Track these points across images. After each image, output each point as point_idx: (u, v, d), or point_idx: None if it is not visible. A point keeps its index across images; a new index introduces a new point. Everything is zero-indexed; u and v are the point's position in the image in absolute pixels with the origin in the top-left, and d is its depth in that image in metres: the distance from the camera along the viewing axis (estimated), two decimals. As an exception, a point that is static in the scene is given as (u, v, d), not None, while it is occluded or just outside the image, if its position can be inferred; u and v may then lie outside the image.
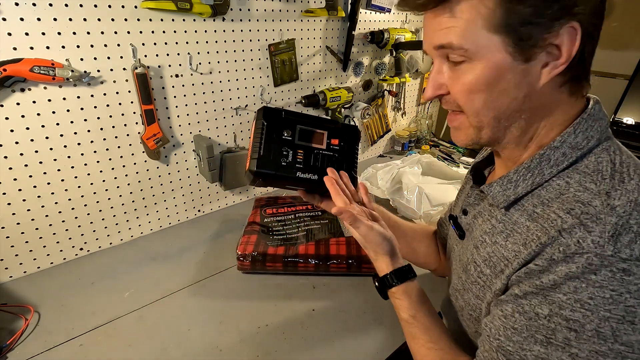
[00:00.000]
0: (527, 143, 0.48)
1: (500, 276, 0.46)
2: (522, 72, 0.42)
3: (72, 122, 0.80)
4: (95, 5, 0.75)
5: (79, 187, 0.86)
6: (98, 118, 0.83)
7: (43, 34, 0.71)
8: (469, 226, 0.57)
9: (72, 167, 0.84)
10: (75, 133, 0.81)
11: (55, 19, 0.72)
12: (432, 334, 0.53)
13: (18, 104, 0.73)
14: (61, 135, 0.80)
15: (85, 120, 0.82)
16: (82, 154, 0.84)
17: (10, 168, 0.76)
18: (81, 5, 0.74)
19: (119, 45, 0.80)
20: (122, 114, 0.86)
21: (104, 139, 0.86)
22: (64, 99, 0.78)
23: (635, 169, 0.40)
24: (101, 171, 0.88)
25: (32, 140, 0.77)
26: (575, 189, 0.41)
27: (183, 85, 0.94)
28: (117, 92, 0.84)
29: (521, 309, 0.41)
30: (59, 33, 0.73)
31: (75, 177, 0.85)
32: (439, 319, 0.56)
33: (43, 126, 0.77)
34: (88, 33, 0.76)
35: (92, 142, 0.84)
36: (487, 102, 0.44)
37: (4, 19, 0.67)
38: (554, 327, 0.38)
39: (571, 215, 0.38)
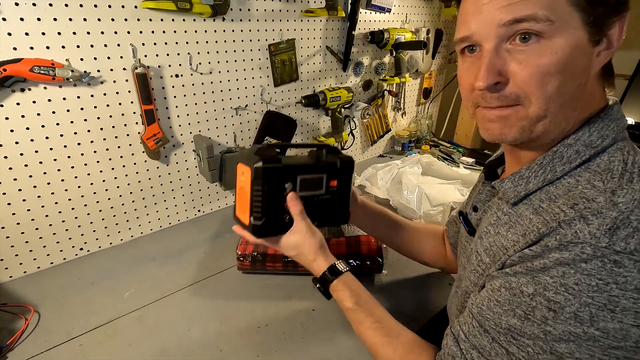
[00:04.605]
0: (555, 139, 0.45)
1: (495, 262, 0.47)
2: (589, 56, 0.41)
3: (72, 122, 0.80)
4: (95, 5, 0.75)
5: (79, 187, 0.86)
6: (98, 118, 0.83)
7: (43, 34, 0.71)
8: (479, 222, 0.57)
9: (72, 167, 0.84)
10: (75, 133, 0.81)
11: (55, 19, 0.72)
12: (375, 315, 0.57)
13: (18, 104, 0.73)
14: (61, 135, 0.80)
15: (85, 120, 0.82)
16: (82, 154, 0.84)
17: (10, 168, 0.76)
18: (81, 5, 0.74)
19: (119, 45, 0.80)
20: (122, 114, 0.86)
21: (104, 139, 0.86)
22: (64, 99, 0.78)
23: None
24: (101, 171, 0.88)
25: (32, 140, 0.77)
26: (583, 187, 0.40)
27: (183, 85, 0.94)
28: (117, 92, 0.84)
29: (508, 284, 0.42)
30: (59, 33, 0.73)
31: (75, 177, 0.85)
32: (377, 302, 0.59)
33: (43, 126, 0.77)
34: (88, 33, 0.76)
35: (92, 142, 0.84)
36: (561, 86, 0.40)
37: (4, 19, 0.67)
38: (535, 305, 0.39)
39: (574, 210, 0.38)
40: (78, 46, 0.76)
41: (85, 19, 0.75)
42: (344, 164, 0.66)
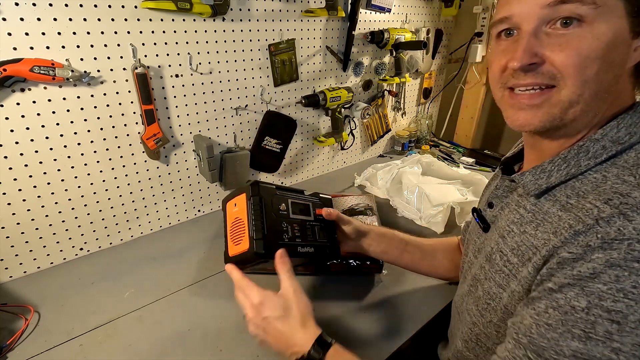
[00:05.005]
0: (580, 132, 0.45)
1: (527, 264, 0.45)
2: (628, 48, 0.40)
3: (72, 122, 0.80)
4: (95, 5, 0.75)
5: (79, 187, 0.86)
6: (98, 118, 0.83)
7: (43, 34, 0.71)
8: (495, 218, 0.56)
9: (72, 167, 0.84)
10: (75, 133, 0.81)
11: (55, 19, 0.72)
12: None
13: (18, 104, 0.73)
14: (61, 135, 0.80)
15: (85, 120, 0.82)
16: (82, 154, 0.84)
17: (10, 168, 0.76)
18: (81, 5, 0.74)
19: (119, 45, 0.80)
20: (122, 114, 0.86)
21: (104, 139, 0.86)
22: (64, 99, 0.78)
23: None
24: (101, 171, 0.88)
25: (32, 140, 0.77)
26: (613, 182, 0.39)
27: (183, 85, 0.94)
28: (117, 92, 0.84)
29: (555, 303, 0.38)
30: (59, 33, 0.73)
31: (75, 177, 0.85)
32: None
33: (43, 126, 0.77)
34: (88, 33, 0.76)
35: (92, 142, 0.84)
36: (599, 73, 0.40)
37: (4, 19, 0.67)
38: (594, 320, 0.35)
39: (609, 206, 0.37)
40: (78, 46, 0.76)
41: (85, 19, 0.75)
42: (323, 199, 0.71)
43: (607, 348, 0.34)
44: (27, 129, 0.75)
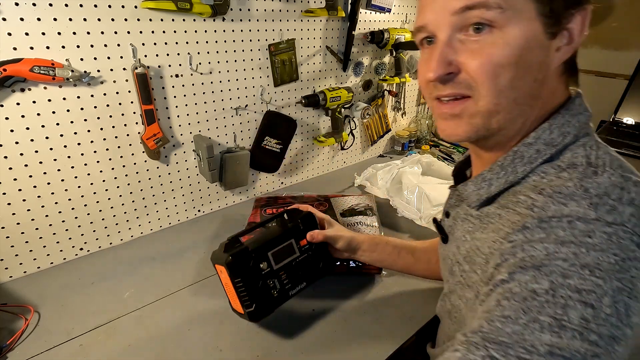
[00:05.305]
0: (513, 138, 0.44)
1: (473, 267, 0.45)
2: (546, 50, 0.39)
3: (72, 122, 0.80)
4: (95, 5, 0.75)
5: (79, 187, 0.86)
6: (98, 118, 0.83)
7: (43, 34, 0.71)
8: (451, 228, 0.55)
9: (72, 167, 0.84)
10: (75, 133, 0.81)
11: (55, 19, 0.72)
12: None
13: (18, 104, 0.73)
14: (61, 135, 0.80)
15: (85, 120, 0.82)
16: (82, 154, 0.84)
17: (10, 168, 0.76)
18: (81, 5, 0.74)
19: (119, 45, 0.80)
20: (122, 114, 0.86)
21: (104, 139, 0.86)
22: (64, 99, 0.78)
23: (610, 164, 0.38)
24: (101, 171, 0.88)
25: (32, 140, 0.77)
26: (548, 180, 0.39)
27: (183, 85, 0.94)
28: (117, 92, 0.84)
29: (509, 293, 0.31)
30: (59, 33, 0.73)
31: (75, 177, 0.85)
32: None
33: (43, 126, 0.77)
34: (88, 33, 0.76)
35: (92, 142, 0.84)
36: (514, 80, 0.38)
37: (4, 19, 0.67)
38: (565, 303, 0.28)
39: (542, 195, 0.36)
40: (78, 46, 0.76)
41: (85, 19, 0.75)
42: (304, 221, 0.71)
43: (584, 342, 0.27)
44: (27, 129, 0.75)
